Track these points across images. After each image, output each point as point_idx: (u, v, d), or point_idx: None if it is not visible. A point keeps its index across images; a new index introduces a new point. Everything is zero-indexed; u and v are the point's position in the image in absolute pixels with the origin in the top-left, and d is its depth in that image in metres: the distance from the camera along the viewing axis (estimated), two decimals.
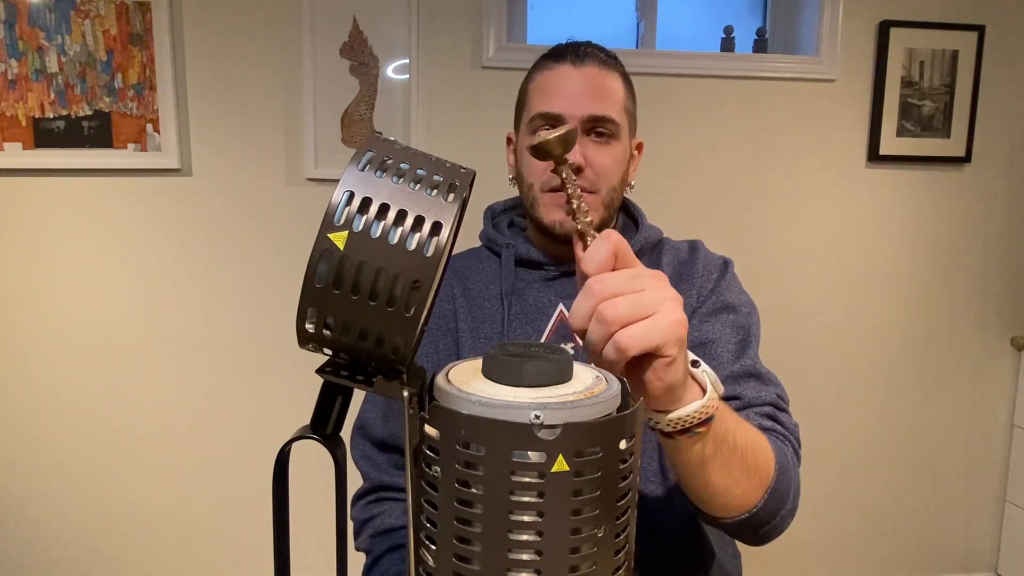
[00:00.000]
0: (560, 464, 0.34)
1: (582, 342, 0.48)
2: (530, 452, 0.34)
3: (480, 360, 0.42)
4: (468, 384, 0.39)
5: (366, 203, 0.35)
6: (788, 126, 1.70)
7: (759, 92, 1.67)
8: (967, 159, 1.74)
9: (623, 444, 0.36)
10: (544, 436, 0.34)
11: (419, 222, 0.35)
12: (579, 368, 0.42)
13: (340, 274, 0.35)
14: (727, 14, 1.84)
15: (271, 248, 1.60)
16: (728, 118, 1.67)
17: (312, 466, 1.07)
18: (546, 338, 0.84)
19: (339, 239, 0.35)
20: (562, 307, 0.85)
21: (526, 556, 0.35)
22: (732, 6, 1.86)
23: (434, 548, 0.37)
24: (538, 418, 0.34)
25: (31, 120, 1.49)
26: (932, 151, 1.72)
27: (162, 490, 1.64)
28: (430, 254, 0.35)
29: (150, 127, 1.51)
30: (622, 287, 0.45)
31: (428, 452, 0.37)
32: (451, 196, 0.36)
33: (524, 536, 0.35)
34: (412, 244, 0.35)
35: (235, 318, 1.61)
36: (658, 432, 0.53)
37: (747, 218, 1.71)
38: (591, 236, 0.52)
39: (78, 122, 1.50)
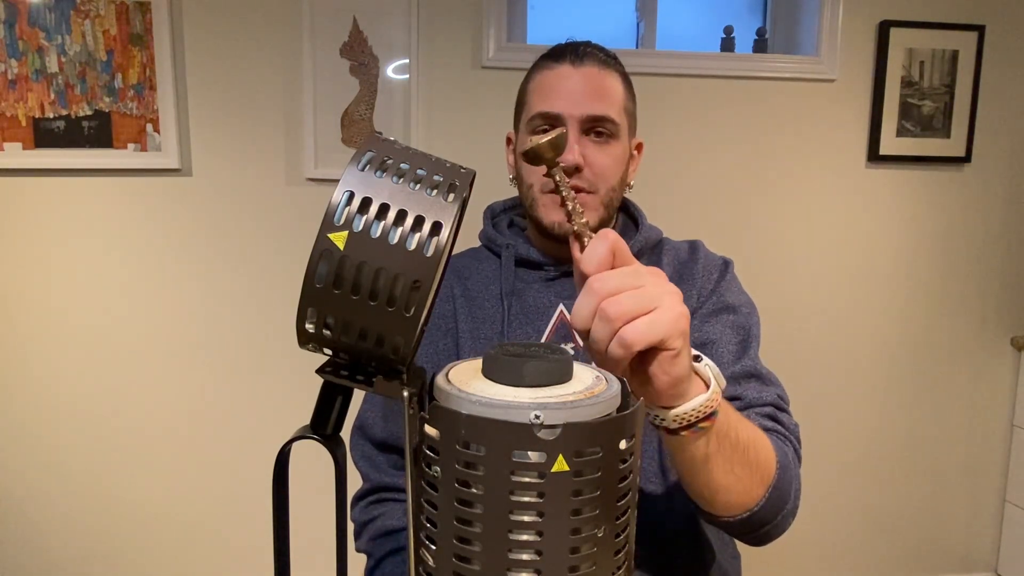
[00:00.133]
0: (560, 464, 0.34)
1: (584, 342, 0.48)
2: (530, 452, 0.34)
3: (480, 360, 0.42)
4: (468, 384, 0.39)
5: (366, 203, 0.35)
6: (788, 126, 1.70)
7: (759, 92, 1.67)
8: (967, 159, 1.73)
9: (623, 444, 0.36)
10: (544, 436, 0.34)
11: (419, 222, 0.35)
12: (579, 368, 0.42)
13: (340, 274, 0.35)
14: (727, 14, 1.84)
15: (271, 248, 1.60)
16: (728, 118, 1.67)
17: (312, 466, 1.07)
18: (546, 338, 0.83)
19: (339, 239, 0.35)
20: (562, 307, 0.84)
21: (526, 556, 0.35)
22: (732, 6, 1.86)
23: (434, 548, 0.37)
24: (538, 418, 0.34)
25: (31, 120, 1.49)
26: (932, 151, 1.72)
27: (162, 490, 1.64)
28: (430, 254, 0.35)
29: (150, 127, 1.51)
30: (623, 284, 0.46)
31: (428, 452, 0.37)
32: (451, 196, 0.36)
33: (524, 536, 0.35)
34: (412, 244, 0.35)
35: (235, 318, 1.61)
36: (662, 430, 0.53)
37: (747, 218, 1.71)
38: (587, 237, 0.52)
39: (78, 122, 1.50)
